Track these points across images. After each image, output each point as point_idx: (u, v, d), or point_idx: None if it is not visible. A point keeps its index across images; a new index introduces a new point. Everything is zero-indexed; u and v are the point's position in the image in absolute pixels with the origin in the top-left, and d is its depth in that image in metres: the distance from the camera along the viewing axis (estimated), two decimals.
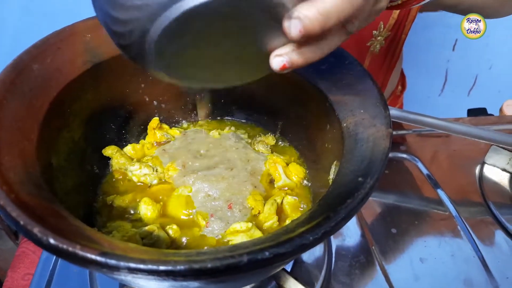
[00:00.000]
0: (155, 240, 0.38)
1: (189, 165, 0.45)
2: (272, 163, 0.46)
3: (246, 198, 0.43)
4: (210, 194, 0.43)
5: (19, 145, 0.31)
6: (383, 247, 0.50)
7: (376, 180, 0.30)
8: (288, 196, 0.43)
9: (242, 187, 0.43)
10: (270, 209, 0.41)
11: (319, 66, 0.43)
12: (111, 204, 0.43)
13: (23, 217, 0.25)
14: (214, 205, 0.42)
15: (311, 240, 0.26)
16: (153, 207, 0.41)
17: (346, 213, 0.27)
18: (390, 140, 0.33)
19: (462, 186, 0.57)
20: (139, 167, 0.45)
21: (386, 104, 0.37)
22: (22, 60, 0.36)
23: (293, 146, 0.50)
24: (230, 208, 0.42)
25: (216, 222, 0.41)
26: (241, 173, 0.44)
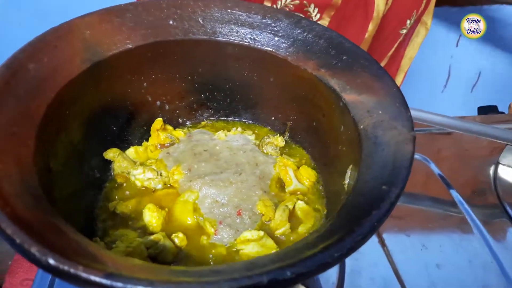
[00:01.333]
0: (161, 250, 0.36)
1: (195, 169, 0.43)
2: (282, 166, 0.44)
3: (255, 204, 0.40)
4: (218, 200, 0.40)
5: (14, 152, 0.29)
6: (397, 252, 0.48)
7: (402, 189, 0.28)
8: (300, 202, 0.41)
9: (251, 193, 0.41)
10: (282, 216, 0.39)
11: (332, 62, 0.41)
12: (114, 210, 0.40)
13: (20, 235, 0.22)
14: (223, 211, 0.40)
15: (336, 257, 0.23)
16: (158, 214, 0.39)
17: (371, 226, 0.25)
18: (413, 144, 0.31)
19: (476, 187, 0.55)
20: (142, 171, 0.42)
21: (407, 104, 0.35)
22: (16, 59, 0.34)
23: (303, 148, 0.48)
24: (240, 214, 0.40)
25: (225, 229, 0.39)
26: (250, 177, 0.42)
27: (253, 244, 0.36)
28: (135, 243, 0.35)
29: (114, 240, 0.36)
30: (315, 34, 0.43)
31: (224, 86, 0.49)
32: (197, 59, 0.46)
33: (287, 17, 0.44)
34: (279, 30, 0.44)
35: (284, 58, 0.43)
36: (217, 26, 0.44)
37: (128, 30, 0.41)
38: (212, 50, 0.45)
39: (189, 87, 0.49)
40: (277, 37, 0.44)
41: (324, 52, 0.42)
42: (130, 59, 0.42)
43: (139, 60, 0.43)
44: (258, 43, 0.44)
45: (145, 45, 0.42)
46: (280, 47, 0.44)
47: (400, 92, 0.36)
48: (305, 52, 0.42)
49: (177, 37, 0.43)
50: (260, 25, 0.44)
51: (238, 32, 0.44)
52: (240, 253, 0.37)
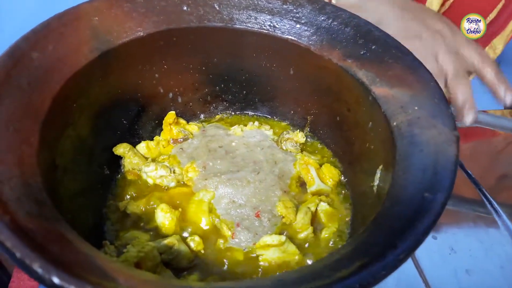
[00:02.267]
0: (175, 256, 0.33)
1: (210, 167, 0.40)
2: (304, 164, 0.41)
3: (275, 205, 0.38)
4: (235, 200, 0.38)
5: (16, 151, 0.26)
6: (423, 255, 0.45)
7: (448, 197, 0.25)
8: (323, 203, 0.38)
9: (270, 193, 0.38)
10: (304, 219, 0.36)
11: (359, 52, 0.38)
12: (124, 210, 0.38)
13: (20, 248, 0.20)
14: (240, 213, 0.37)
15: (376, 277, 0.21)
16: (171, 214, 0.36)
17: (415, 241, 0.22)
18: (458, 145, 0.28)
19: (508, 187, 0.52)
20: (154, 167, 0.40)
21: (447, 100, 0.31)
22: (19, 48, 0.31)
23: (325, 145, 0.45)
24: (258, 216, 0.37)
25: (243, 232, 0.36)
26: (269, 176, 0.39)
27: (274, 249, 0.34)
28: (147, 248, 0.32)
29: (125, 243, 0.34)
30: (341, 21, 0.39)
31: (240, 78, 0.46)
32: (212, 48, 0.43)
33: (310, 2, 0.41)
34: (301, 16, 0.40)
35: (306, 47, 0.40)
36: (234, 13, 0.41)
37: (139, 17, 0.38)
38: (229, 39, 0.42)
39: (203, 78, 0.45)
40: (299, 25, 0.40)
41: (351, 41, 0.38)
42: (141, 48, 0.39)
43: (150, 49, 0.40)
44: (278, 31, 0.41)
45: (157, 32, 0.39)
46: (302, 35, 0.40)
47: (439, 86, 0.32)
48: (329, 41, 0.39)
49: (192, 24, 0.40)
50: (280, 11, 0.41)
51: (257, 19, 0.41)
52: (260, 260, 0.34)
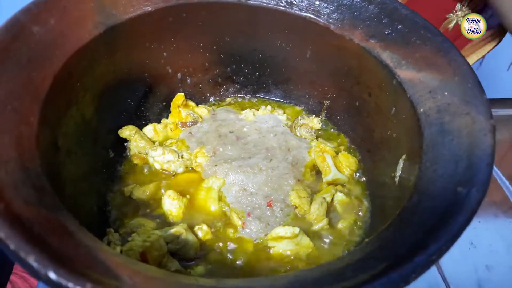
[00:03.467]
0: (183, 245, 0.31)
1: (221, 152, 0.38)
2: (319, 152, 0.38)
3: (288, 195, 0.36)
4: (246, 188, 0.36)
5: (14, 132, 0.25)
6: None
7: (484, 192, 0.22)
8: (339, 193, 0.36)
9: (283, 181, 0.36)
10: (319, 210, 0.34)
11: (384, 32, 0.35)
12: (129, 196, 0.36)
13: (15, 239, 0.18)
14: (251, 201, 0.35)
15: (406, 280, 0.18)
16: (178, 201, 0.35)
17: (449, 239, 0.20)
18: (494, 135, 0.25)
19: None
20: (162, 152, 0.38)
21: (481, 85, 0.29)
22: (18, 20, 0.29)
23: (342, 131, 0.43)
24: (270, 206, 0.35)
25: (254, 222, 0.34)
26: (281, 164, 0.37)
27: (287, 241, 0.32)
28: (153, 237, 0.30)
29: (130, 231, 0.32)
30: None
31: (253, 58, 0.43)
32: (224, 26, 0.40)
33: None
34: None
35: (325, 26, 0.37)
36: None
37: None
38: (242, 16, 0.39)
39: (214, 58, 0.43)
40: (319, 1, 0.38)
41: (374, 19, 0.35)
42: (149, 24, 0.37)
43: (159, 26, 0.37)
44: (296, 8, 0.38)
45: (166, 7, 0.37)
46: (322, 13, 0.37)
47: (472, 70, 0.30)
48: (351, 19, 0.36)
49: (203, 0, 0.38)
50: None
51: None
52: (272, 252, 0.32)
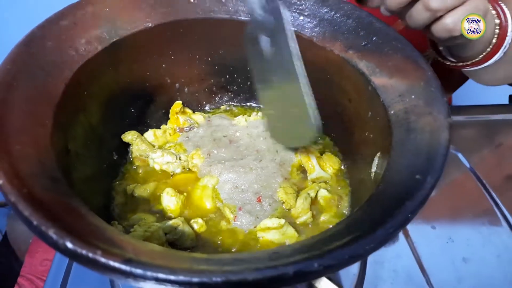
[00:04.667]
0: (180, 236, 0.35)
1: (215, 154, 0.42)
2: (304, 153, 0.42)
3: (276, 191, 0.39)
4: (237, 186, 0.39)
5: (31, 132, 0.28)
6: (421, 244, 0.46)
7: (437, 178, 0.26)
8: (323, 190, 0.39)
9: (271, 179, 0.40)
10: (304, 204, 0.38)
11: (360, 43, 0.39)
12: (132, 193, 0.40)
13: (37, 217, 0.22)
14: (242, 197, 0.39)
15: (367, 249, 0.22)
16: (176, 198, 0.38)
17: (404, 217, 0.24)
18: (450, 131, 0.29)
19: (507, 179, 0.53)
20: (161, 154, 0.41)
21: (442, 89, 0.32)
22: (35, 36, 0.33)
23: (326, 135, 0.46)
24: (259, 201, 0.38)
25: (244, 216, 0.37)
26: (270, 164, 0.41)
27: (274, 232, 0.35)
28: (153, 228, 0.34)
29: (132, 224, 0.36)
30: (343, 13, 0.40)
31: (245, 69, 0.47)
32: (218, 40, 0.44)
33: None
34: (304, 9, 0.42)
35: (309, 39, 0.41)
36: (239, 5, 0.42)
37: (148, 8, 0.40)
38: (234, 30, 0.43)
39: (209, 69, 0.47)
40: (302, 17, 0.42)
41: (352, 32, 0.39)
42: (150, 38, 0.41)
43: (158, 40, 0.41)
44: None
45: (165, 23, 0.41)
46: (305, 27, 0.41)
47: (435, 76, 0.33)
48: (332, 32, 0.40)
49: (198, 16, 0.42)
50: (284, 3, 0.42)
51: None
52: (260, 241, 0.35)
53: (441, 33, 0.37)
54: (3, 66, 0.30)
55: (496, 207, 0.49)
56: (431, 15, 0.36)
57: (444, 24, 0.36)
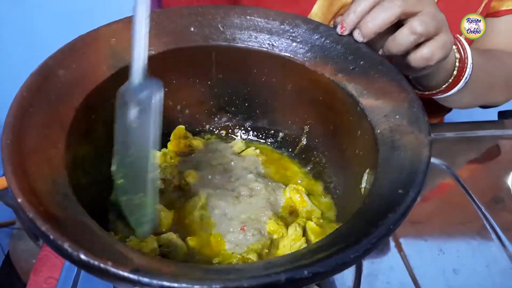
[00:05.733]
0: (173, 249, 0.37)
1: (208, 179, 0.44)
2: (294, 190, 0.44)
3: (263, 226, 0.40)
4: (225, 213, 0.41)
5: (46, 154, 0.31)
6: (414, 256, 0.48)
7: (418, 192, 0.28)
8: (311, 222, 0.40)
9: (260, 213, 0.41)
10: (297, 231, 0.39)
11: (349, 67, 0.42)
12: None
13: (53, 232, 0.24)
14: (228, 224, 0.40)
15: (352, 258, 0.24)
16: (166, 214, 0.40)
17: (387, 229, 0.26)
18: (430, 148, 0.31)
19: (495, 193, 0.55)
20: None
21: (424, 109, 0.35)
22: (48, 65, 0.36)
23: (320, 152, 0.49)
24: (243, 230, 0.40)
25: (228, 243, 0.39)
26: (261, 201, 0.42)
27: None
28: (148, 239, 0.36)
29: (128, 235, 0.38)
30: (332, 39, 0.43)
31: (242, 92, 0.50)
32: (217, 65, 0.47)
33: (305, 23, 0.45)
34: (297, 36, 0.45)
35: (301, 64, 0.44)
36: (236, 33, 0.46)
37: (151, 38, 0.42)
38: (232, 56, 0.46)
39: (208, 92, 0.50)
40: (295, 43, 0.45)
41: (341, 57, 0.42)
42: (152, 64, 0.43)
43: (160, 66, 0.44)
44: (276, 49, 0.45)
45: (166, 51, 0.44)
46: (298, 53, 0.45)
47: (417, 97, 0.36)
48: (322, 57, 0.43)
49: (198, 43, 0.45)
50: (278, 31, 0.45)
51: (257, 38, 0.45)
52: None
53: (418, 62, 0.40)
54: (20, 94, 0.33)
55: (485, 220, 0.51)
56: (415, 40, 0.38)
57: (422, 53, 0.39)
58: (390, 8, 0.37)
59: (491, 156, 0.60)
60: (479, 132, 0.64)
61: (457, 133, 0.62)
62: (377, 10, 0.38)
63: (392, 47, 0.40)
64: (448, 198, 0.55)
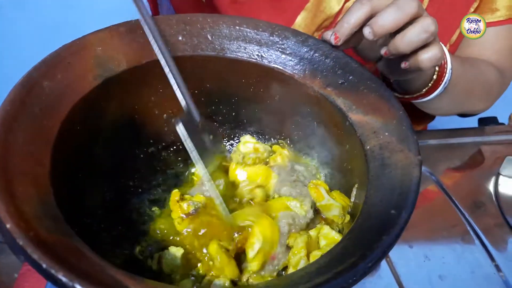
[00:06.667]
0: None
1: None
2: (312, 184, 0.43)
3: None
4: None
5: (32, 173, 0.30)
6: (400, 263, 0.49)
7: (410, 213, 0.29)
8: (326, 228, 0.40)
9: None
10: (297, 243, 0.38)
11: (338, 81, 0.42)
12: None
13: (45, 260, 0.23)
14: None
15: (350, 282, 0.24)
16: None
17: (382, 252, 0.26)
18: (420, 168, 0.32)
19: (478, 198, 0.57)
20: None
21: (413, 128, 0.36)
22: (31, 77, 0.34)
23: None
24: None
25: None
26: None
27: None
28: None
29: None
30: (322, 53, 0.44)
31: (230, 101, 0.50)
32: (205, 75, 0.46)
33: (294, 35, 0.45)
34: (286, 47, 0.45)
35: (290, 76, 0.44)
36: (225, 43, 0.45)
37: (138, 46, 0.42)
38: (220, 66, 0.46)
39: (196, 101, 0.49)
40: (284, 55, 0.45)
41: (330, 71, 0.43)
42: (139, 74, 0.43)
43: (148, 76, 0.43)
44: (265, 60, 0.45)
45: (153, 61, 0.42)
46: (287, 65, 0.45)
47: (406, 115, 0.37)
48: (311, 70, 0.44)
49: (186, 53, 0.44)
50: (267, 42, 0.45)
51: (246, 49, 0.45)
52: None
53: (428, 62, 0.39)
54: (3, 108, 0.31)
55: (468, 226, 0.53)
56: (426, 38, 0.37)
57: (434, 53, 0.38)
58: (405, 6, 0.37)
59: (473, 162, 0.62)
60: (461, 139, 0.66)
61: (440, 140, 0.64)
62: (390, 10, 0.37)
63: (400, 45, 0.38)
64: (432, 204, 0.56)
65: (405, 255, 0.50)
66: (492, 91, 0.61)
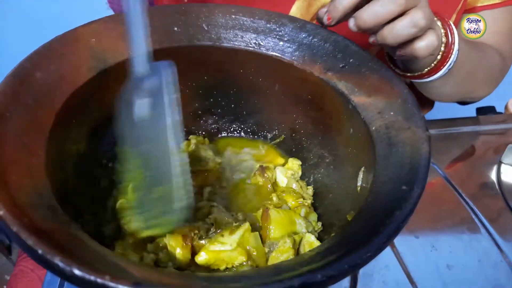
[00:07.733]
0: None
1: None
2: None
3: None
4: None
5: (26, 162, 0.28)
6: (407, 254, 0.48)
7: (423, 188, 0.28)
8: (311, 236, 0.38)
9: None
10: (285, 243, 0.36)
11: (338, 65, 0.41)
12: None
13: (41, 246, 0.22)
14: None
15: (364, 258, 0.23)
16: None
17: (396, 226, 0.25)
18: (429, 143, 0.31)
19: (481, 186, 0.56)
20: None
21: (419, 105, 0.35)
22: (24, 68, 0.33)
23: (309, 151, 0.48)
24: None
25: None
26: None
27: None
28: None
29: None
30: (320, 38, 0.43)
31: (228, 92, 0.49)
32: (202, 66, 0.45)
33: (291, 21, 0.44)
34: (284, 34, 0.44)
35: (289, 63, 0.43)
36: (221, 32, 0.44)
37: None
38: (217, 56, 0.45)
39: (193, 94, 0.48)
40: (282, 42, 0.44)
41: (330, 55, 0.42)
42: None
43: None
44: (263, 48, 0.44)
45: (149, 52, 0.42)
46: (286, 52, 0.44)
47: (411, 93, 0.36)
48: (311, 56, 0.43)
49: (182, 44, 0.43)
50: (264, 30, 0.44)
51: (243, 37, 0.44)
52: None
53: (424, 51, 0.38)
54: None
55: (473, 214, 0.52)
56: (415, 33, 0.37)
57: (430, 41, 0.38)
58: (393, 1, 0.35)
59: (474, 151, 0.61)
60: (461, 128, 0.65)
61: (440, 130, 0.63)
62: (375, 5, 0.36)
63: (387, 37, 0.37)
64: (436, 194, 0.55)
65: (411, 246, 0.49)
66: (495, 75, 0.60)
